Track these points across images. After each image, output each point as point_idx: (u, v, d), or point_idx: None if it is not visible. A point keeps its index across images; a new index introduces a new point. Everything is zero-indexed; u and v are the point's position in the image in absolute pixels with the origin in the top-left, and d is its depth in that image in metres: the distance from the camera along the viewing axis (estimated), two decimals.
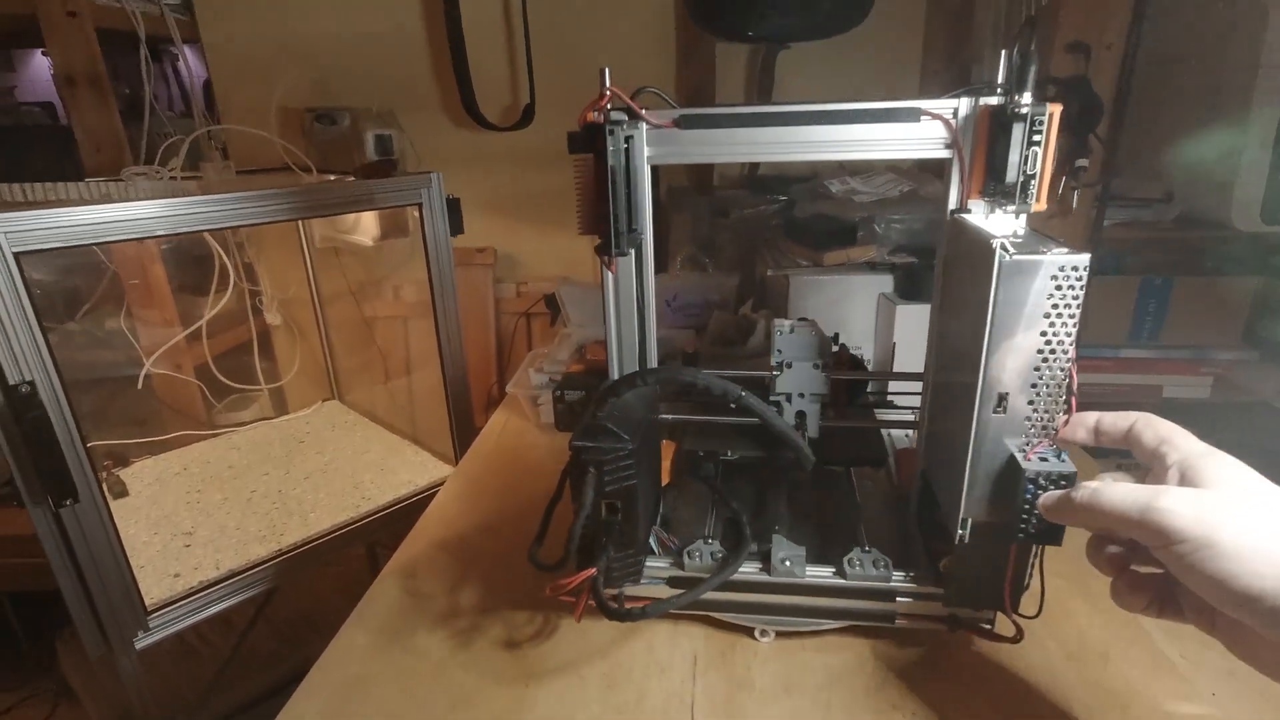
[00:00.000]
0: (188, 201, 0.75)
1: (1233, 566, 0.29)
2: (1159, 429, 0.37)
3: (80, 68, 1.15)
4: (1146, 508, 0.31)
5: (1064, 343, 0.39)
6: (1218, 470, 0.33)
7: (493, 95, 1.33)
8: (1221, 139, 0.98)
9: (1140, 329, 1.16)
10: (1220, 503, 0.31)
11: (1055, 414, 0.40)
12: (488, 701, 0.48)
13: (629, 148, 0.49)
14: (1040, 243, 0.40)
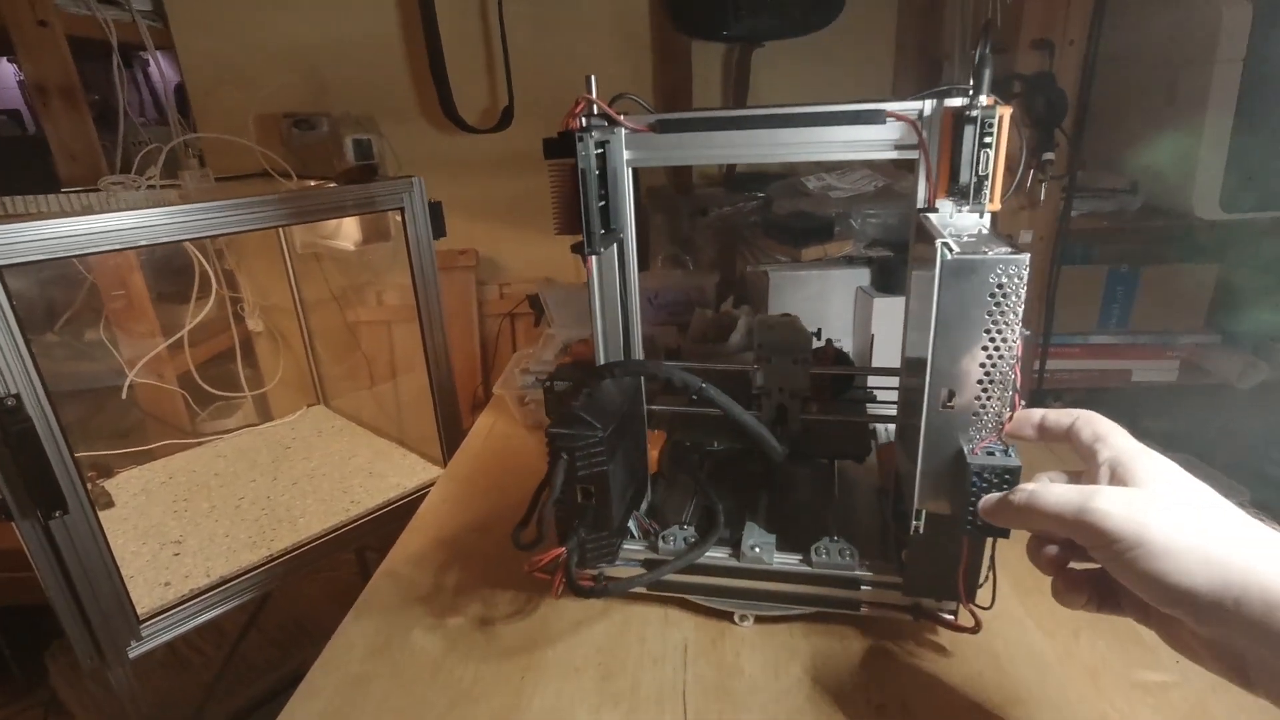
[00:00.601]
0: (171, 211, 0.75)
1: (1163, 565, 0.29)
2: (1096, 427, 0.38)
3: (53, 78, 1.14)
4: (1081, 509, 0.32)
5: (1008, 340, 0.40)
6: (1148, 468, 0.34)
7: (471, 98, 1.33)
8: (1181, 132, 1.02)
9: (1109, 316, 1.20)
10: (1150, 501, 0.31)
11: (1002, 410, 0.41)
12: (487, 697, 0.49)
13: (604, 152, 0.51)
14: (990, 242, 0.41)
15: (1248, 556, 0.28)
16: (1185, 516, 0.30)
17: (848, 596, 0.53)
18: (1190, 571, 0.29)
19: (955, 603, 0.50)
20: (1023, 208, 1.04)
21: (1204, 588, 0.29)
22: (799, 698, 0.48)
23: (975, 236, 0.43)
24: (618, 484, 0.52)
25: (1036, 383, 1.20)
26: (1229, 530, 0.30)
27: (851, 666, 0.50)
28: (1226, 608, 0.28)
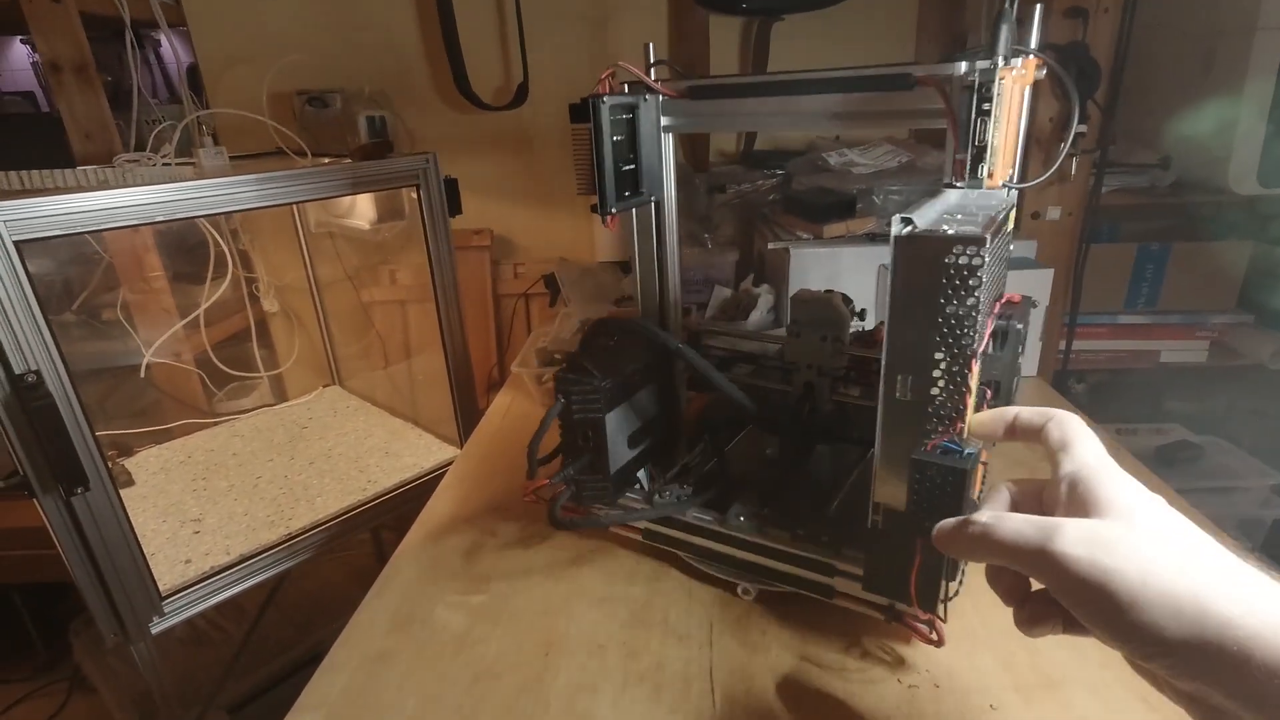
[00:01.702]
0: (189, 186, 0.74)
1: (1131, 617, 0.26)
2: (1065, 432, 0.34)
3: (66, 55, 1.13)
4: (1039, 550, 0.29)
5: (968, 328, 0.37)
6: (1113, 493, 0.30)
7: (485, 75, 1.31)
8: (1218, 103, 0.98)
9: (1137, 295, 1.17)
10: (1116, 543, 0.28)
11: (960, 404, 0.38)
12: (510, 674, 0.49)
13: (634, 117, 0.51)
14: (968, 221, 0.38)
15: (1223, 608, 0.25)
16: (1155, 561, 0.27)
17: (823, 583, 0.51)
18: (1160, 624, 0.26)
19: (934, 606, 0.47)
20: (1051, 183, 1.01)
21: (1175, 641, 0.26)
22: (828, 677, 0.47)
23: (964, 215, 0.39)
24: (617, 433, 0.55)
25: (1061, 364, 1.17)
26: (1203, 576, 0.26)
27: (881, 643, 0.49)
28: (1200, 663, 0.25)
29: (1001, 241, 0.41)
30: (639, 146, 0.52)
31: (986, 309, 0.38)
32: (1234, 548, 0.56)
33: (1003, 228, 0.41)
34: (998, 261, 0.40)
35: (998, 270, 0.41)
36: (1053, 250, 1.06)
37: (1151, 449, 1.18)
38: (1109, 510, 0.29)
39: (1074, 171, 0.99)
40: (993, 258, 0.38)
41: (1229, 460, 1.16)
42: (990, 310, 0.39)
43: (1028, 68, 0.42)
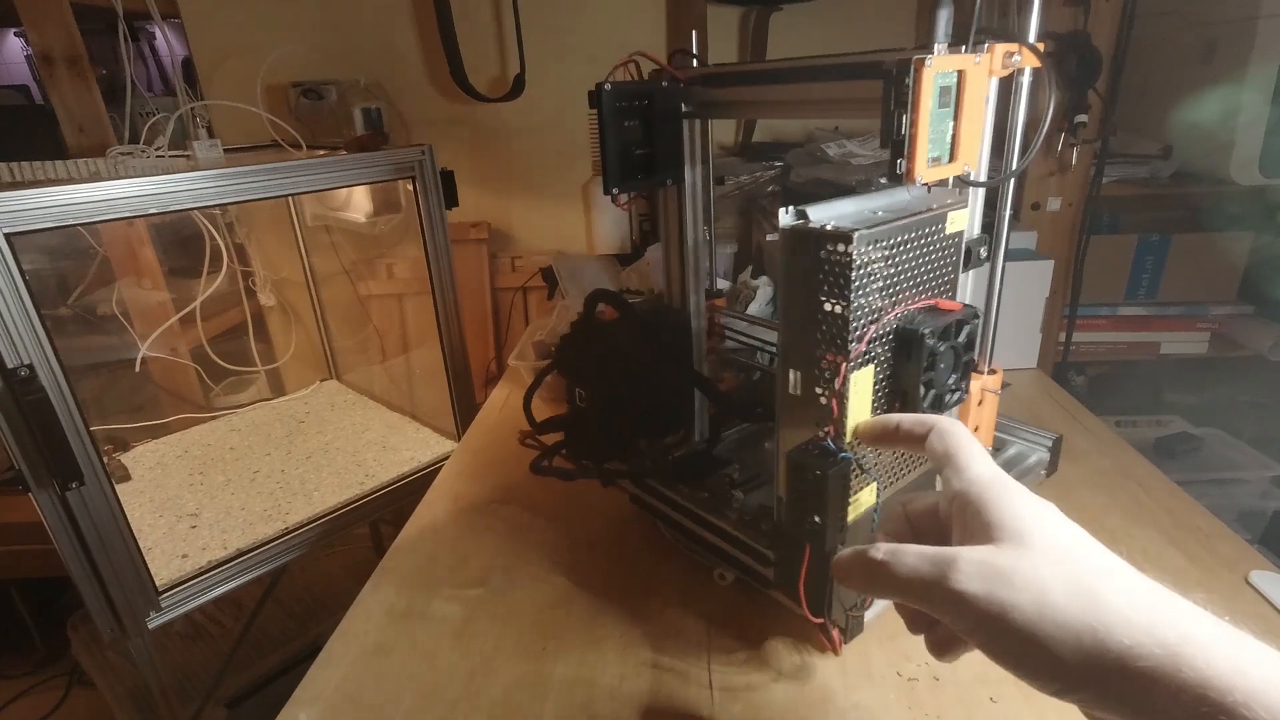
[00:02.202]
0: (182, 178, 0.73)
1: (1031, 653, 0.25)
2: (947, 443, 0.32)
3: (59, 47, 1.12)
4: (933, 585, 0.27)
5: (839, 328, 0.36)
6: (1000, 511, 0.28)
7: (481, 66, 1.30)
8: (1220, 92, 0.98)
9: (1137, 286, 1.17)
10: (1011, 575, 0.26)
11: (839, 404, 0.37)
12: (508, 666, 0.48)
13: (649, 104, 0.52)
14: (864, 218, 0.37)
15: (1122, 636, 0.24)
16: (1050, 590, 0.25)
17: (761, 572, 0.50)
18: (1061, 657, 0.25)
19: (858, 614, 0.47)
20: (1051, 173, 1.01)
21: (1078, 673, 0.24)
22: (827, 668, 0.47)
23: (881, 211, 0.39)
24: (608, 401, 0.58)
25: (1061, 355, 1.17)
26: (1101, 602, 0.25)
27: (879, 638, 0.49)
28: (1105, 693, 0.24)
29: (920, 242, 0.39)
30: (654, 132, 0.53)
31: (870, 311, 0.37)
32: (1235, 539, 0.56)
33: (929, 227, 0.39)
34: (905, 262, 0.38)
35: (908, 271, 0.39)
36: (1053, 241, 1.05)
37: (1151, 441, 1.18)
38: (1001, 534, 0.28)
39: (1074, 162, 0.99)
40: (886, 258, 0.37)
41: (1229, 452, 1.15)
42: (879, 314, 0.38)
43: (996, 55, 0.40)
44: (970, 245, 0.45)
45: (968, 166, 0.41)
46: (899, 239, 0.37)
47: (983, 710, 0.43)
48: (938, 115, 0.38)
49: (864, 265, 0.35)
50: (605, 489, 0.61)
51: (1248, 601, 0.51)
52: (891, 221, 0.37)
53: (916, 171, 0.38)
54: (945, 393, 0.41)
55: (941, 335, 0.39)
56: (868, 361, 0.38)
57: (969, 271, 0.47)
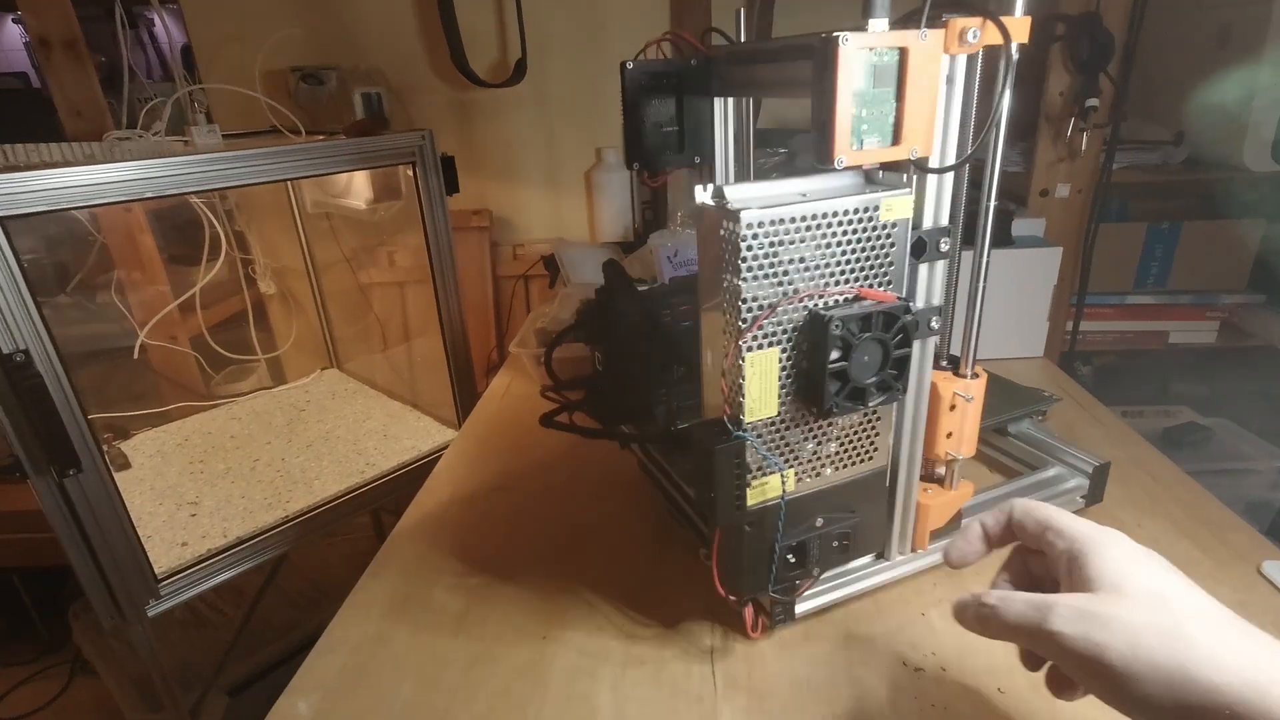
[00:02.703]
0: (177, 161, 0.72)
1: (1125, 688, 0.28)
2: (1036, 515, 0.35)
3: (56, 30, 1.11)
4: (1036, 630, 0.30)
5: (733, 310, 0.36)
6: (1105, 565, 0.31)
7: (482, 50, 1.29)
8: (1235, 77, 0.96)
9: (1146, 275, 1.15)
10: (1108, 620, 0.29)
11: (734, 385, 0.38)
12: (508, 656, 0.48)
13: (679, 83, 0.52)
14: (777, 200, 0.37)
15: (1208, 675, 0.26)
16: (1143, 633, 0.28)
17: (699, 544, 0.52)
18: (1152, 695, 0.27)
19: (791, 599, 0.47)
20: (1061, 159, 0.99)
21: (1168, 709, 0.27)
22: (835, 658, 0.46)
23: (807, 194, 0.39)
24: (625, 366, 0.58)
25: (1068, 345, 1.16)
26: (1191, 643, 0.27)
27: (885, 627, 0.48)
28: None
29: (838, 227, 0.38)
30: (684, 110, 0.53)
31: (768, 293, 0.37)
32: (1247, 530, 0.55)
33: (852, 213, 0.38)
34: (817, 245, 0.38)
35: (822, 256, 0.38)
36: (1061, 228, 1.04)
37: (1159, 431, 1.16)
38: (1099, 584, 0.30)
39: (1084, 148, 0.97)
40: (789, 240, 0.37)
41: (1238, 443, 1.14)
42: (780, 296, 0.37)
43: (952, 31, 0.37)
44: (925, 236, 0.42)
45: (916, 150, 0.38)
46: (804, 222, 0.37)
47: (991, 701, 0.42)
48: (875, 96, 0.37)
49: (758, 245, 0.36)
50: (605, 479, 0.60)
51: (1261, 593, 0.50)
52: (790, 204, 0.36)
53: (836, 153, 0.36)
54: (868, 389, 0.40)
55: (861, 325, 0.38)
56: (770, 344, 0.38)
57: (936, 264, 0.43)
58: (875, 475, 0.45)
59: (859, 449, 0.44)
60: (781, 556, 0.43)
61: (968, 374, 0.46)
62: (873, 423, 0.44)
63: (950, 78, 0.39)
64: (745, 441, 0.39)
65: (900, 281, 0.41)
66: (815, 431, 0.42)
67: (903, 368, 0.41)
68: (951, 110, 0.40)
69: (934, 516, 0.50)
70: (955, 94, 0.39)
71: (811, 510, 0.44)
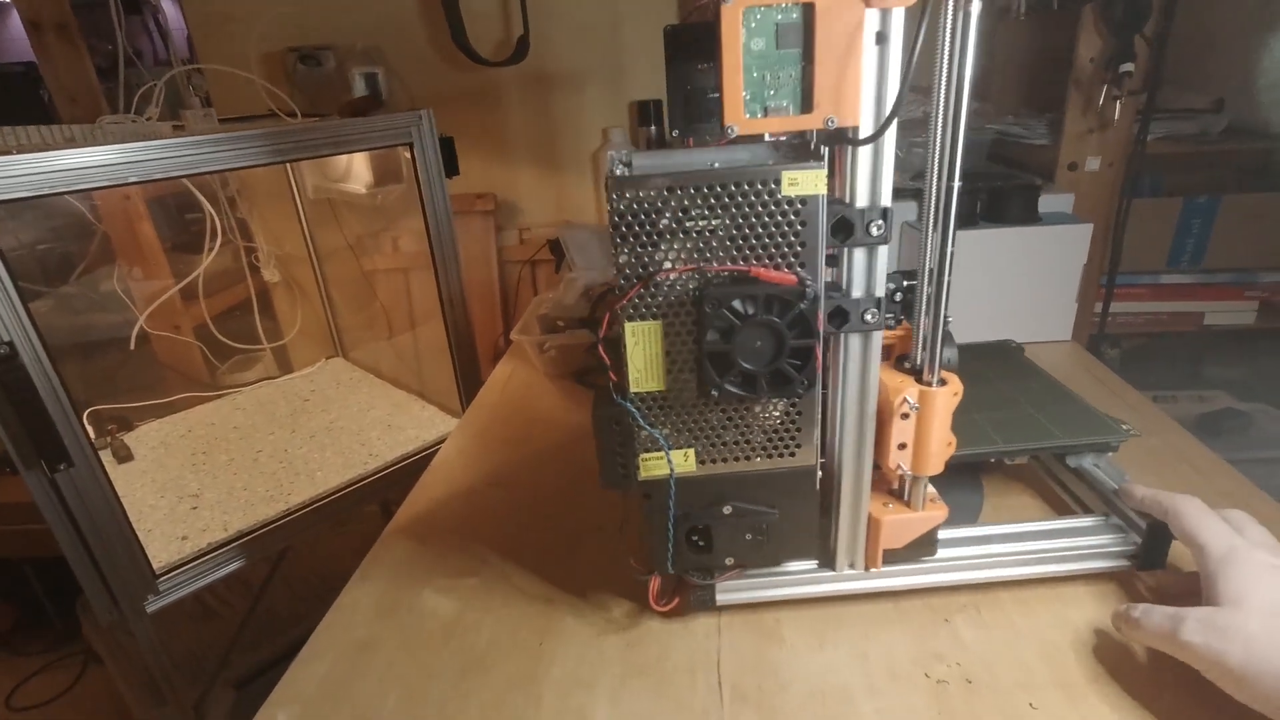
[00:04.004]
0: (163, 144, 0.69)
1: (1243, 688, 0.34)
2: (1184, 525, 0.42)
3: (47, 14, 1.09)
4: (1170, 639, 0.37)
5: (629, 282, 0.36)
6: (1227, 582, 0.37)
7: (483, 28, 1.25)
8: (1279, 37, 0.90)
9: (1181, 253, 1.10)
10: (1228, 629, 0.35)
11: (620, 360, 0.38)
12: (502, 664, 0.45)
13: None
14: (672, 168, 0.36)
15: None
16: (1258, 640, 0.34)
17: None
18: (1268, 693, 0.33)
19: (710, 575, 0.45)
20: (1090, 130, 0.93)
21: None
22: (850, 666, 0.43)
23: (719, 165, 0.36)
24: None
25: (1098, 327, 1.10)
26: None
27: (905, 635, 0.45)
28: None
29: (728, 200, 0.35)
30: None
31: (647, 264, 0.36)
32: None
33: (746, 185, 0.35)
34: (705, 218, 0.35)
35: (713, 229, 0.36)
36: (1091, 204, 0.98)
37: (1194, 417, 1.11)
38: (1225, 599, 0.37)
39: (1117, 117, 0.91)
40: (669, 210, 0.35)
41: (1275, 427, 1.09)
42: (658, 268, 0.36)
43: None
44: (850, 215, 0.37)
45: (833, 118, 0.34)
46: (684, 192, 0.35)
47: (1022, 717, 0.39)
48: (781, 58, 0.34)
49: (631, 213, 0.35)
50: None
51: None
52: (666, 173, 0.35)
53: (727, 120, 0.34)
54: (760, 376, 0.37)
55: (743, 306, 0.35)
56: (653, 316, 0.37)
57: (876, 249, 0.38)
58: (799, 473, 0.42)
59: (775, 442, 0.41)
60: (679, 536, 0.42)
61: (931, 381, 0.41)
62: (792, 416, 0.40)
63: (883, 35, 0.34)
64: (625, 410, 0.39)
65: (815, 265, 0.37)
66: (720, 415, 0.40)
67: (806, 359, 0.37)
68: (888, 73, 0.34)
69: (888, 535, 0.44)
70: (890, 54, 0.34)
71: (720, 496, 0.42)
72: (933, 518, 0.44)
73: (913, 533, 0.45)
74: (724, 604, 0.47)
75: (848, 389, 0.41)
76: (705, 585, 0.46)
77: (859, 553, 0.46)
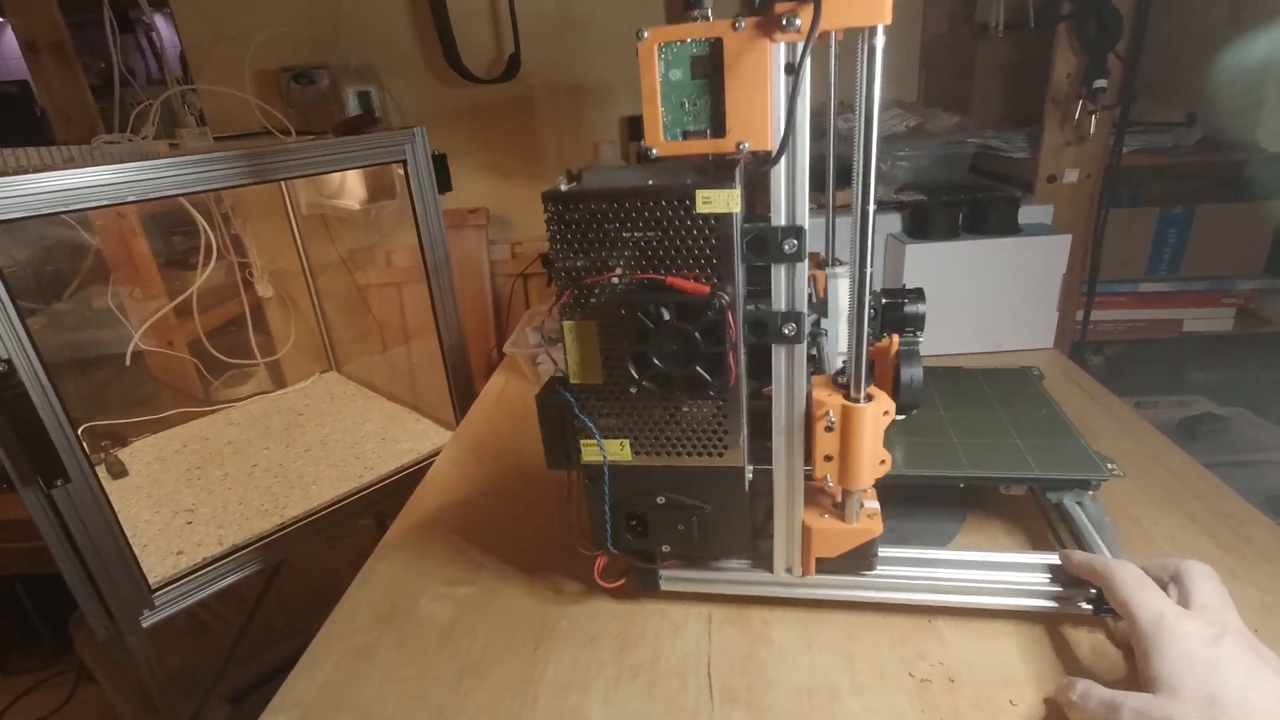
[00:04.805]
0: (158, 164, 0.71)
1: None
2: (1118, 594, 0.40)
3: (43, 34, 1.10)
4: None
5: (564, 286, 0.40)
6: (1161, 663, 0.36)
7: (476, 47, 1.27)
8: (1248, 54, 0.92)
9: (1159, 261, 1.12)
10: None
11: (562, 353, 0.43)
12: (498, 668, 0.46)
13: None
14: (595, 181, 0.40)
15: None
16: None
17: None
18: None
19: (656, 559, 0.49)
20: (1068, 143, 0.96)
21: None
22: (836, 668, 0.44)
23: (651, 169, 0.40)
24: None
25: (1079, 334, 1.13)
26: None
27: (890, 636, 0.46)
28: None
29: (646, 215, 0.38)
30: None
31: (578, 269, 0.40)
32: (1270, 526, 0.52)
33: (662, 202, 0.38)
34: (623, 231, 0.39)
35: (633, 242, 0.39)
36: (1071, 215, 1.01)
37: (1174, 422, 1.13)
38: (1159, 685, 0.35)
39: (1093, 131, 0.94)
40: (592, 223, 0.39)
41: (1256, 433, 1.11)
42: (584, 273, 0.40)
43: (773, 20, 0.35)
44: (764, 233, 0.39)
45: (744, 143, 0.37)
46: (608, 206, 0.38)
47: (1003, 715, 0.40)
48: (695, 87, 0.37)
49: (565, 222, 0.39)
50: None
51: None
52: (601, 189, 0.38)
53: (648, 142, 0.38)
54: (674, 378, 0.40)
55: (656, 311, 0.38)
56: (584, 315, 0.41)
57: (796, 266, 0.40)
58: (728, 473, 0.44)
59: (705, 441, 0.43)
60: (617, 519, 0.46)
61: (858, 397, 0.41)
62: (718, 418, 0.42)
63: (792, 66, 0.36)
64: (564, 398, 0.43)
65: (731, 277, 0.39)
66: (657, 411, 0.43)
67: (718, 364, 0.39)
68: (800, 102, 0.36)
69: (820, 544, 0.46)
70: (802, 84, 0.36)
71: (655, 486, 0.45)
72: (865, 531, 0.45)
73: (844, 544, 0.45)
74: (668, 590, 0.49)
75: (779, 398, 0.43)
76: (648, 570, 0.49)
77: (795, 558, 0.47)
